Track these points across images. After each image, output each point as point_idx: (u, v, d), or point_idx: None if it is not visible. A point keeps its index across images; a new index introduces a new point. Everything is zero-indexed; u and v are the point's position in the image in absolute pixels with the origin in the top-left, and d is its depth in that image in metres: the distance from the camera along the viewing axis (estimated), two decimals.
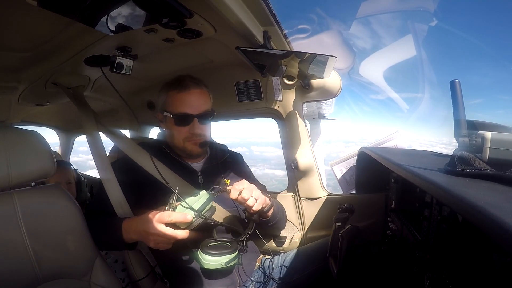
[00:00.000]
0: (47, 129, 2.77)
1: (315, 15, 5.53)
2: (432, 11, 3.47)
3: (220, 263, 1.02)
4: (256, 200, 1.03)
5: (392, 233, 1.26)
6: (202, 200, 0.95)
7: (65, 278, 1.02)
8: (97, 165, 1.19)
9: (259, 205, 1.05)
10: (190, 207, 0.92)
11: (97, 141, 1.24)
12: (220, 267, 1.02)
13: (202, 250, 1.03)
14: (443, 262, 0.75)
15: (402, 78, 11.91)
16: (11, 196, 0.96)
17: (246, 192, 1.01)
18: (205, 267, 1.02)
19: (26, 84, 1.44)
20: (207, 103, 1.20)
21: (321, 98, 1.56)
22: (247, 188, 1.02)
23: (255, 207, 1.03)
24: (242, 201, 1.01)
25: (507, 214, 0.37)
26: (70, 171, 1.97)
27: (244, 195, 1.00)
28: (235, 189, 1.00)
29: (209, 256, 1.02)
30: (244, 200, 1.00)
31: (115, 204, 1.12)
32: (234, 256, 1.05)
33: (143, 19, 0.83)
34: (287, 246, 1.59)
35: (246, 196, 1.00)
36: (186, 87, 1.14)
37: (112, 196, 1.12)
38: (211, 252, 1.02)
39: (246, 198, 1.00)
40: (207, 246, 1.04)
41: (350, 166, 1.72)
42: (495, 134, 0.62)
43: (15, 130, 1.04)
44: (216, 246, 1.06)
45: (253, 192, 1.03)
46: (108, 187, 1.13)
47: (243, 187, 1.01)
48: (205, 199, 0.96)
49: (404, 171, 0.78)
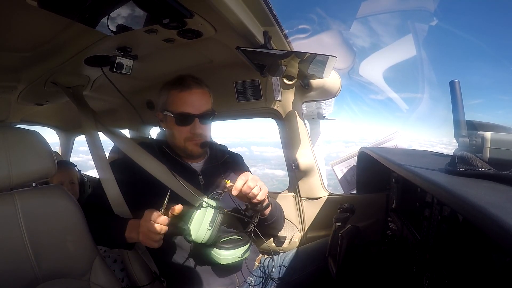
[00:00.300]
0: (47, 129, 2.77)
1: (315, 15, 5.52)
2: (432, 11, 3.48)
3: (237, 256, 1.05)
4: (260, 189, 1.05)
5: (392, 233, 1.26)
6: (209, 214, 1.00)
7: (64, 278, 1.02)
8: (96, 165, 1.19)
9: (263, 195, 1.06)
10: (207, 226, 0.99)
11: (96, 140, 1.24)
12: (237, 260, 1.06)
13: (216, 247, 1.05)
14: (443, 262, 0.75)
15: (402, 78, 11.93)
16: (12, 197, 0.96)
17: (252, 181, 1.03)
18: (223, 263, 1.05)
19: (25, 83, 1.44)
20: (208, 103, 1.20)
21: (321, 98, 1.56)
22: (252, 178, 1.05)
23: (259, 196, 1.04)
24: (248, 190, 1.02)
25: (508, 214, 0.37)
26: (74, 171, 1.96)
27: (250, 184, 1.02)
28: (241, 179, 1.02)
29: (224, 251, 1.05)
30: (250, 188, 1.02)
31: (113, 203, 1.12)
32: (247, 247, 1.09)
33: (143, 19, 0.83)
34: (287, 246, 1.59)
35: (252, 185, 1.02)
36: (188, 87, 1.14)
37: (110, 196, 1.13)
38: (226, 247, 1.05)
39: (252, 186, 1.02)
40: (220, 242, 1.07)
41: (351, 166, 1.72)
42: (495, 134, 0.62)
43: (15, 129, 1.03)
44: (229, 240, 1.08)
45: (258, 182, 1.05)
46: (106, 186, 1.13)
47: (248, 177, 1.03)
48: (211, 214, 1.00)
49: (405, 171, 0.78)
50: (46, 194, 1.03)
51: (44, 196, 1.02)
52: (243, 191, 1.02)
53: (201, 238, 0.99)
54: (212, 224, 0.99)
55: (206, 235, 0.99)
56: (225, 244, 1.06)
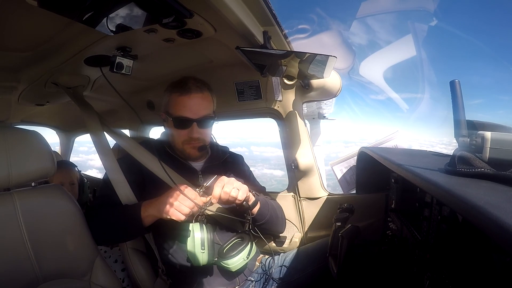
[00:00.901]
0: (47, 129, 2.77)
1: (315, 15, 5.49)
2: (432, 11, 3.46)
3: (244, 259, 1.08)
4: (238, 190, 1.04)
5: (392, 233, 1.26)
6: (197, 239, 1.03)
7: (65, 278, 1.02)
8: (104, 165, 1.20)
9: (243, 194, 1.06)
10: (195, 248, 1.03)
11: (103, 141, 1.25)
12: (245, 262, 1.08)
13: (223, 258, 1.07)
14: (443, 262, 0.75)
15: (402, 78, 11.83)
16: (11, 196, 0.96)
17: (227, 186, 1.03)
18: (233, 270, 1.08)
19: (26, 84, 1.44)
20: (208, 108, 1.20)
21: (321, 98, 1.56)
22: (228, 182, 1.04)
23: (239, 196, 1.04)
24: (226, 196, 1.02)
25: (507, 214, 0.37)
26: (74, 172, 1.96)
27: (226, 189, 1.02)
28: (217, 186, 1.02)
29: (231, 260, 1.07)
30: (227, 193, 1.02)
31: (125, 202, 1.13)
32: (250, 247, 1.11)
33: (143, 19, 0.83)
34: (287, 246, 1.59)
35: (228, 189, 1.02)
36: (188, 91, 1.14)
37: (121, 195, 1.13)
38: (231, 255, 1.07)
39: (228, 191, 1.02)
40: (224, 252, 1.09)
41: (351, 166, 1.72)
42: (495, 134, 0.62)
43: (15, 130, 1.04)
44: (231, 247, 1.10)
45: (234, 184, 1.05)
46: (117, 186, 1.14)
47: (223, 182, 1.03)
48: (199, 236, 1.03)
49: (404, 171, 0.78)
50: (46, 194, 1.03)
51: (43, 196, 1.02)
52: (221, 198, 1.02)
53: (200, 262, 1.03)
54: (203, 247, 1.02)
55: (204, 258, 1.03)
56: (229, 252, 1.08)
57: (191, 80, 1.17)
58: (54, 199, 1.03)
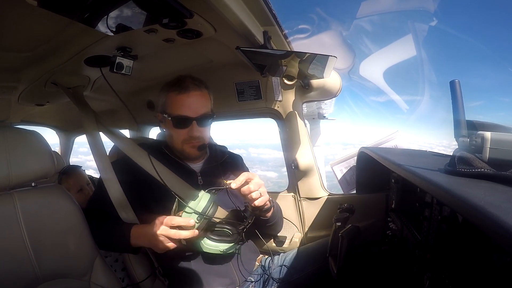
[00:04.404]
0: (47, 129, 2.77)
1: (315, 15, 5.50)
2: (432, 11, 3.46)
3: (219, 250, 1.05)
4: (260, 195, 1.03)
5: (392, 233, 1.26)
6: (203, 201, 0.98)
7: (65, 278, 1.02)
8: (98, 165, 1.19)
9: (262, 202, 1.05)
10: (194, 211, 0.96)
11: (98, 141, 1.23)
12: (217, 253, 1.05)
13: (205, 235, 1.05)
14: (443, 262, 0.75)
15: (402, 78, 11.89)
16: (11, 196, 0.96)
17: (254, 184, 1.02)
18: (204, 251, 1.05)
19: (26, 84, 1.44)
20: (207, 106, 1.18)
21: (321, 98, 1.56)
22: (256, 182, 1.03)
23: (257, 202, 1.03)
24: (247, 192, 1.01)
25: (507, 214, 0.37)
26: (84, 173, 1.93)
27: (251, 187, 1.01)
28: (243, 176, 1.00)
29: (209, 241, 1.05)
30: (250, 191, 1.01)
31: (116, 204, 1.11)
32: (232, 245, 1.08)
33: (143, 19, 0.83)
34: (287, 246, 1.59)
35: (253, 188, 1.01)
36: (186, 89, 1.13)
37: (113, 197, 1.12)
38: (212, 238, 1.05)
39: (252, 189, 1.01)
40: (211, 231, 1.06)
41: (351, 166, 1.72)
42: (495, 134, 0.62)
43: (15, 130, 1.03)
44: (218, 232, 1.08)
45: (261, 188, 1.04)
46: (109, 187, 1.13)
47: (253, 178, 1.02)
48: (206, 199, 0.99)
49: (404, 171, 0.78)
50: (46, 194, 1.03)
51: (43, 196, 1.02)
52: (242, 190, 1.01)
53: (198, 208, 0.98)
54: (200, 218, 0.98)
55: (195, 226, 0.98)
56: (214, 234, 1.06)
57: (188, 79, 1.16)
58: (54, 199, 1.03)
